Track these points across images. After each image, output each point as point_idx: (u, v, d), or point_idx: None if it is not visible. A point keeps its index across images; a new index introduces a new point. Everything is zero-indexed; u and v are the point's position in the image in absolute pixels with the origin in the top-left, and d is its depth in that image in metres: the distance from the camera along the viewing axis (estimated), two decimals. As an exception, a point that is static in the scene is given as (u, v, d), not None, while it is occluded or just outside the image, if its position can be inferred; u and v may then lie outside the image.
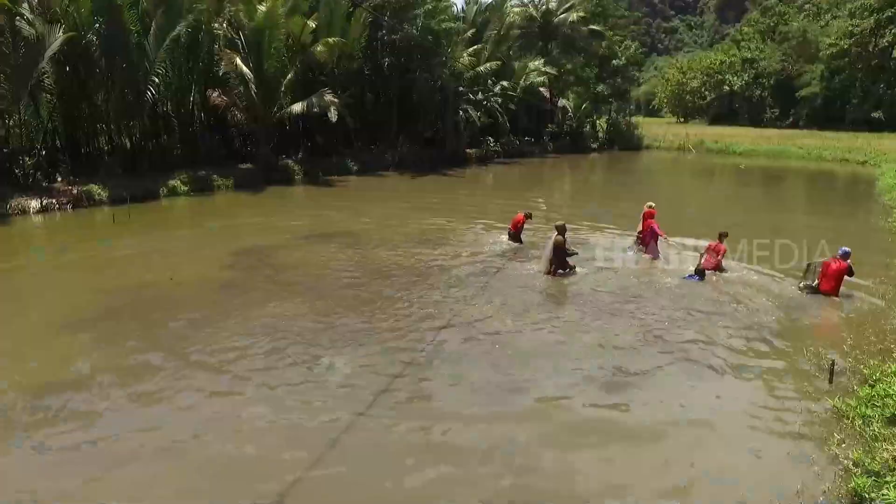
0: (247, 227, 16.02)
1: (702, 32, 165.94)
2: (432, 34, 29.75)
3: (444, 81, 31.25)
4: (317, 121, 26.79)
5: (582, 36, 42.86)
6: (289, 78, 23.93)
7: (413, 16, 29.42)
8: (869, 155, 36.31)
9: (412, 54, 30.28)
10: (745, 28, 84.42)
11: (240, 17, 23.25)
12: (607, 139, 46.98)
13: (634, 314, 9.26)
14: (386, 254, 12.76)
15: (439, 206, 19.36)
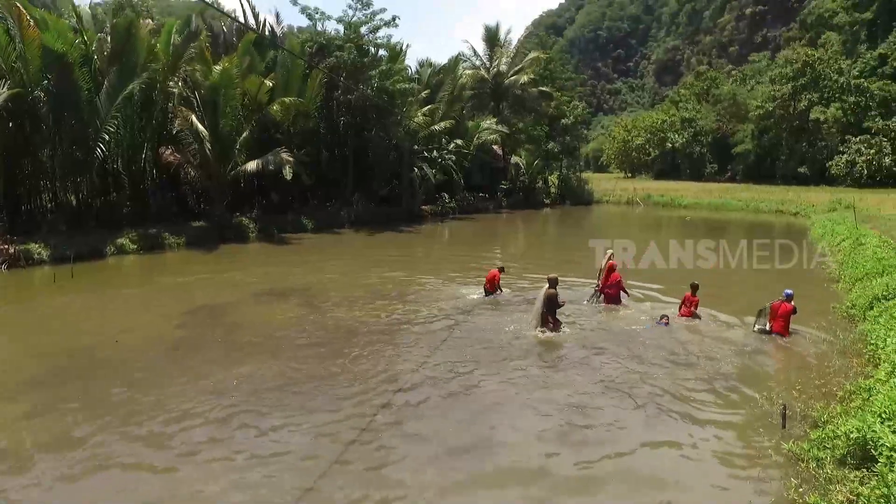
0: (199, 285, 15.59)
1: (643, 94, 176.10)
2: (387, 94, 30.53)
3: (399, 140, 31.91)
4: (272, 178, 26.76)
5: (532, 97, 44.75)
6: (244, 136, 24.00)
7: (368, 77, 30.21)
8: (800, 207, 38.59)
9: (368, 114, 30.92)
10: (681, 90, 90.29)
11: (196, 77, 23.40)
12: (559, 194, 48.47)
13: (598, 366, 9.31)
14: (345, 311, 12.57)
15: (397, 262, 19.37)
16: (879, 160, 50.22)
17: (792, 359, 9.95)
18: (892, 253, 15.91)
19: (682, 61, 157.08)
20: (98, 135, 20.06)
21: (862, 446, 5.63)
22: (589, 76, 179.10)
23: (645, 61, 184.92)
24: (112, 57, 20.91)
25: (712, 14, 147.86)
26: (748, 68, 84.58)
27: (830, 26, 72.06)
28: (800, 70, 58.22)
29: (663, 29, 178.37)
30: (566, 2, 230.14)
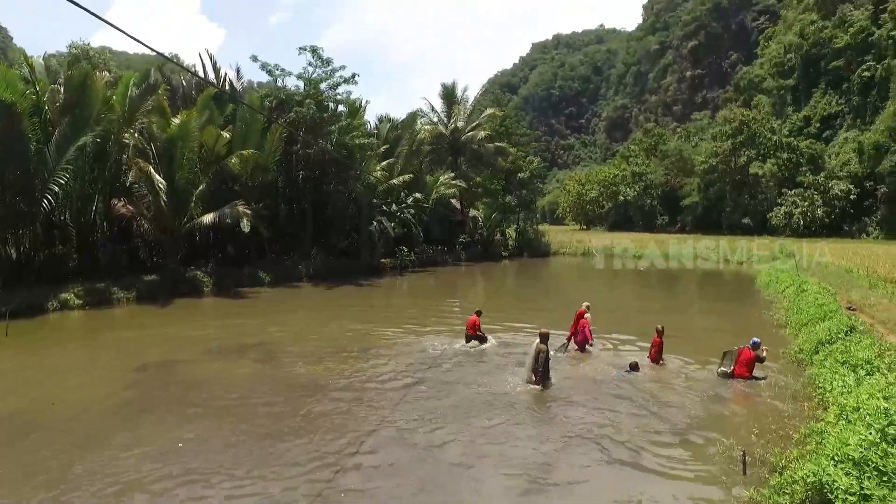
0: (150, 341, 14.95)
1: (595, 149, 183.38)
2: (347, 149, 30.84)
3: (358, 194, 32.08)
4: (229, 232, 26.35)
5: (489, 152, 45.90)
6: (200, 189, 23.70)
7: (328, 132, 30.54)
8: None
9: (327, 168, 31.09)
10: (631, 146, 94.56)
11: (153, 129, 23.20)
12: (517, 247, 49.20)
13: (565, 419, 9.21)
14: (303, 367, 12.22)
15: (357, 315, 19.11)
16: (813, 212, 53.27)
17: (749, 403, 10.17)
18: (831, 299, 16.67)
19: (631, 118, 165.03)
20: (46, 186, 19.47)
21: (819, 490, 5.72)
22: (543, 132, 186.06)
23: (596, 118, 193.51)
24: (65, 108, 20.60)
25: (656, 76, 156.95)
26: (691, 126, 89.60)
27: (761, 90, 77.42)
28: (737, 129, 62.07)
29: (612, 89, 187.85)
30: (520, 62, 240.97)
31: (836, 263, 26.57)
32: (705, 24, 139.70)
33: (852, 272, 22.94)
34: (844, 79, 62.49)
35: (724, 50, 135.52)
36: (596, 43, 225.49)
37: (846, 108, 61.77)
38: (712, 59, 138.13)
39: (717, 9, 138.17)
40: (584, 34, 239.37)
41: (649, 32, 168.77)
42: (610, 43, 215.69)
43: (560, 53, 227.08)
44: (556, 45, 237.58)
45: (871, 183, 51.45)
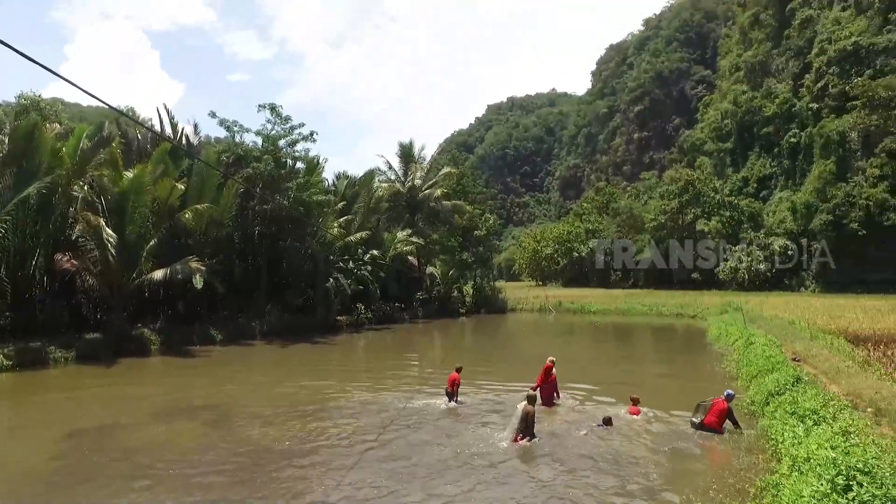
0: (87, 404, 14.10)
1: (549, 207, 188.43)
2: (304, 206, 30.78)
3: (314, 251, 31.85)
4: (180, 288, 25.57)
5: (445, 209, 46.53)
6: (152, 243, 23.09)
7: (285, 188, 30.50)
8: (697, 310, 41.50)
9: (283, 224, 30.87)
10: (584, 204, 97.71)
11: (104, 181, 22.67)
12: (474, 303, 49.31)
13: (528, 480, 8.99)
14: (257, 430, 11.68)
15: (313, 374, 18.59)
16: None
17: (709, 457, 10.24)
18: (777, 351, 17.26)
19: (583, 177, 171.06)
20: (-20, 240, 18.62)
21: (777, 542, 5.75)
22: (499, 190, 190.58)
23: (550, 177, 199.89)
24: (8, 159, 19.99)
25: (606, 138, 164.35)
26: (640, 185, 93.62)
27: (703, 152, 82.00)
28: (683, 188, 65.24)
29: (564, 149, 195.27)
30: (476, 123, 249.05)
31: (779, 316, 27.63)
32: (649, 90, 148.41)
33: (794, 324, 23.88)
34: (775, 144, 67.01)
35: (667, 114, 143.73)
36: (548, 105, 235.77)
37: (778, 170, 65.95)
38: (657, 123, 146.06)
39: (659, 77, 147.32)
40: (536, 97, 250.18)
41: (598, 97, 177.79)
42: (561, 106, 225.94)
43: (514, 115, 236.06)
44: (511, 106, 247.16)
45: (805, 239, 54.49)
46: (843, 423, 8.65)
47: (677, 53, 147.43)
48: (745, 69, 77.11)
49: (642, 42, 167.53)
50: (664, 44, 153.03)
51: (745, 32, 79.94)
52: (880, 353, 15.84)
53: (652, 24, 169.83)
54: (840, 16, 59.09)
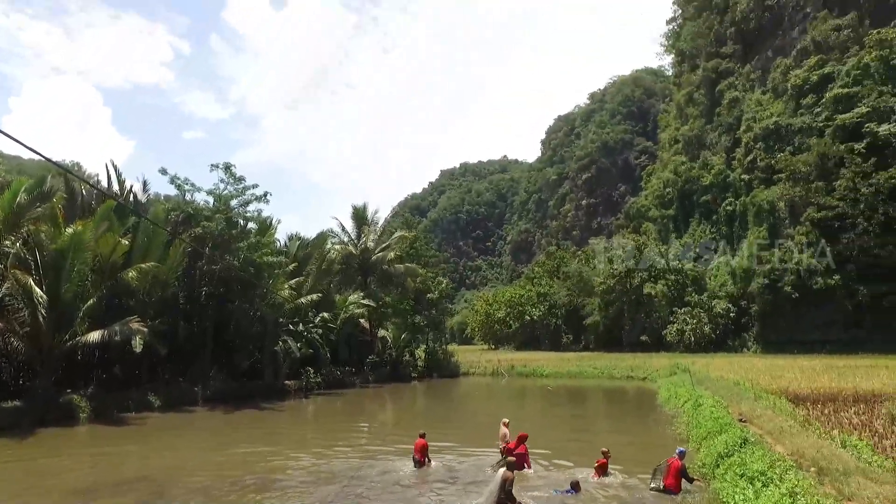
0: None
1: (501, 270, 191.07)
2: (254, 266, 30.16)
3: (263, 312, 31.01)
4: (118, 350, 24.25)
5: (398, 272, 46.39)
6: (90, 303, 21.97)
7: (236, 248, 29.90)
8: (646, 372, 42.08)
9: (232, 285, 30.06)
10: (535, 268, 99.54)
11: (40, 237, 21.65)
12: (426, 367, 48.60)
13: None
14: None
15: (258, 442, 17.65)
16: (701, 328, 57.45)
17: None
18: (724, 412, 17.56)
19: (534, 242, 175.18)
20: None
21: None
22: (452, 254, 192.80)
23: (502, 241, 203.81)
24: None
25: (555, 203, 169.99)
26: (589, 249, 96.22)
27: (648, 218, 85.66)
28: (630, 253, 67.49)
29: (516, 214, 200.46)
30: (429, 187, 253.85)
31: (725, 377, 28.28)
32: (596, 159, 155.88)
33: (739, 385, 24.45)
34: (713, 211, 70.85)
35: (613, 182, 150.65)
36: (500, 171, 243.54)
37: (717, 236, 69.39)
38: (604, 190, 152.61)
39: (605, 147, 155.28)
40: (489, 163, 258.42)
41: (548, 165, 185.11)
42: (513, 172, 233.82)
43: (467, 180, 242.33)
44: (464, 172, 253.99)
45: (745, 302, 56.82)
46: (789, 485, 8.79)
47: (621, 125, 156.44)
48: (682, 142, 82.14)
49: (588, 114, 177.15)
50: (609, 116, 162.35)
51: (681, 109, 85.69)
52: (818, 412, 16.38)
53: (597, 97, 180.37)
54: (761, 98, 64.32)
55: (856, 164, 46.89)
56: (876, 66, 48.74)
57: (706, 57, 76.73)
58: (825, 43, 56.08)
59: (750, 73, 68.71)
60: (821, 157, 49.92)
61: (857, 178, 46.41)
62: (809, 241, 49.83)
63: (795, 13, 62.44)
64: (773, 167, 56.32)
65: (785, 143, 56.71)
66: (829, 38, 55.72)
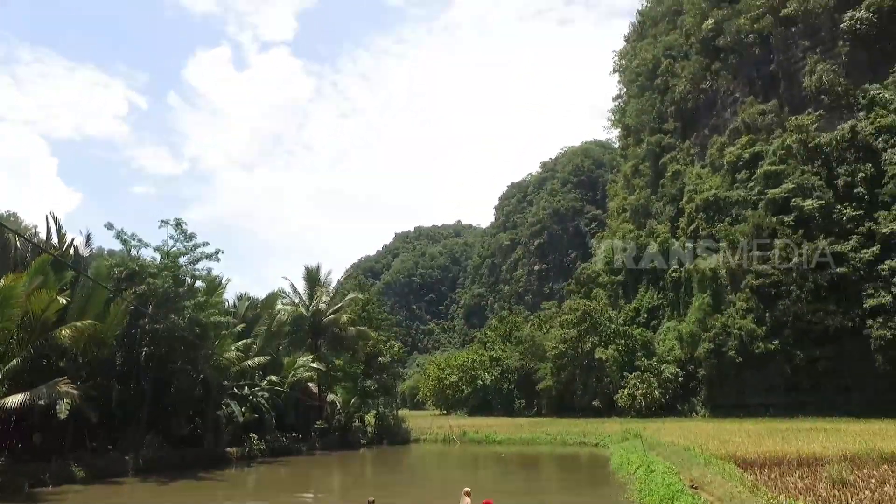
0: None
1: (454, 334, 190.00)
2: (200, 326, 29.06)
3: (207, 375, 29.67)
4: (42, 415, 22.50)
5: (350, 335, 45.48)
6: (12, 363, 20.51)
7: (182, 307, 28.83)
8: (599, 438, 41.89)
9: (175, 345, 28.77)
10: (488, 332, 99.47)
11: (-38, 294, 20.35)
12: (376, 434, 47.09)
13: None
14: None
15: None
16: (651, 393, 58.10)
17: None
18: (676, 478, 17.58)
19: (487, 306, 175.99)
20: None
21: None
22: (404, 317, 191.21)
23: (455, 305, 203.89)
24: None
25: (508, 268, 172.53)
26: (541, 314, 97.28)
27: (598, 283, 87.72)
28: (581, 317, 68.54)
29: (469, 278, 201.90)
30: (383, 249, 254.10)
31: (675, 442, 28.43)
32: (548, 225, 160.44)
33: (690, 450, 24.60)
34: (660, 277, 73.29)
35: (564, 248, 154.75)
36: (454, 236, 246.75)
37: (665, 301, 71.47)
38: (556, 256, 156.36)
39: (556, 214, 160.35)
40: (443, 227, 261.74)
41: (501, 230, 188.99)
42: (466, 237, 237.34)
43: (421, 244, 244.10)
44: (418, 235, 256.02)
45: (692, 366, 58.10)
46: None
47: (572, 194, 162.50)
48: (630, 210, 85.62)
49: (540, 182, 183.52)
50: (560, 185, 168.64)
51: (628, 179, 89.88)
52: (765, 477, 16.62)
53: (549, 166, 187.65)
54: (701, 172, 68.36)
55: (786, 235, 49.88)
56: (797, 147, 52.86)
57: (650, 132, 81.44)
58: (753, 125, 60.65)
59: (690, 149, 73.14)
60: (756, 228, 52.94)
61: (789, 248, 49.25)
62: (749, 308, 51.97)
63: (727, 97, 67.58)
64: (714, 236, 59.26)
65: (724, 214, 59.94)
66: (757, 120, 60.34)
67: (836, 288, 46.63)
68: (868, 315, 44.19)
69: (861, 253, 45.43)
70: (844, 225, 47.44)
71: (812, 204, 49.09)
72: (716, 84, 68.88)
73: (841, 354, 45.68)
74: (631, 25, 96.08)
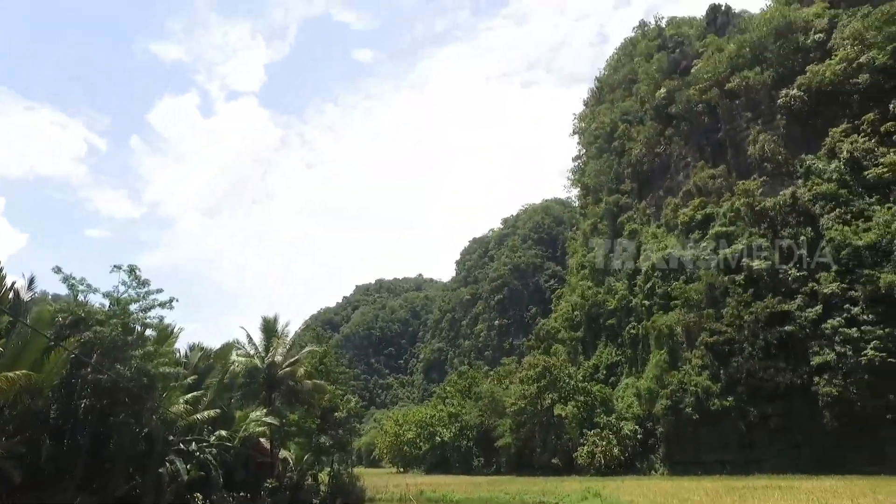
0: None
1: (413, 389, 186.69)
2: (147, 377, 27.67)
3: (152, 429, 28.07)
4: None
5: (305, 389, 44.02)
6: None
7: (129, 356, 27.48)
8: (558, 497, 41.08)
9: (119, 397, 27.17)
10: (447, 387, 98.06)
11: None
12: (330, 493, 45.05)
13: None
14: None
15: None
16: (611, 450, 57.79)
17: None
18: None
19: (447, 361, 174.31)
20: None
21: None
22: (363, 371, 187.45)
23: (414, 360, 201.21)
24: None
25: (468, 323, 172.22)
26: (501, 369, 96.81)
27: (557, 339, 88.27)
28: (540, 373, 68.47)
29: (429, 332, 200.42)
30: (343, 301, 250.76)
31: (636, 501, 28.19)
32: (508, 281, 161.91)
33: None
34: (618, 334, 74.35)
35: (525, 304, 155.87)
36: (415, 290, 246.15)
37: (623, 358, 72.27)
38: (516, 311, 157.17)
39: (517, 270, 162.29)
40: (404, 281, 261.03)
41: (462, 285, 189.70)
42: (427, 290, 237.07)
43: (382, 297, 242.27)
44: (379, 288, 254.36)
45: (650, 423, 58.31)
46: None
47: (532, 250, 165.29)
48: (589, 268, 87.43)
49: (501, 238, 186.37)
50: (520, 241, 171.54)
51: (587, 237, 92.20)
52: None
53: (510, 223, 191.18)
54: (657, 231, 70.86)
55: (738, 293, 51.69)
56: (745, 210, 55.57)
57: (608, 192, 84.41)
58: (704, 188, 63.68)
59: (646, 209, 75.93)
60: (709, 287, 54.75)
61: (740, 307, 50.91)
62: (705, 364, 53.04)
63: (679, 161, 71.06)
64: (670, 294, 60.87)
65: (679, 273, 61.84)
66: (707, 184, 63.42)
67: (784, 346, 48.16)
68: (815, 372, 45.59)
69: (806, 312, 47.26)
70: (790, 285, 49.49)
71: (760, 264, 51.20)
72: (669, 148, 72.49)
73: (791, 411, 46.75)
74: (590, 91, 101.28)
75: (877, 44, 49.24)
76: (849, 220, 47.25)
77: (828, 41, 55.59)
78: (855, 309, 44.46)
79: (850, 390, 42.60)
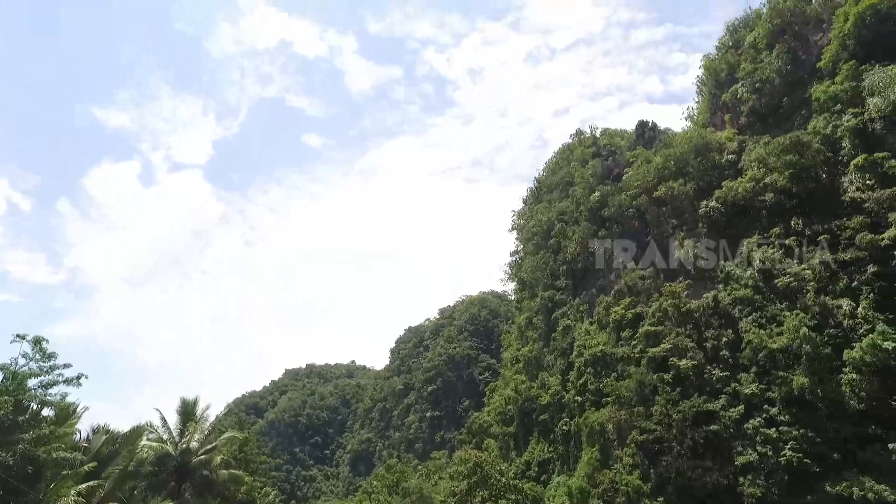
0: None
1: (338, 482, 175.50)
2: (34, 464, 24.78)
3: (36, 523, 24.85)
4: None
5: (221, 479, 40.85)
6: None
7: (17, 439, 24.67)
8: None
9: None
10: (374, 482, 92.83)
11: None
12: None
13: None
14: None
15: None
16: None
17: None
18: None
19: (375, 453, 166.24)
20: None
21: None
22: (285, 460, 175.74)
23: (341, 450, 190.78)
24: None
25: (400, 414, 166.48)
26: (431, 464, 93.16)
27: (489, 434, 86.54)
28: (471, 469, 66.27)
29: (359, 422, 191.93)
30: (270, 385, 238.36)
31: None
32: (442, 372, 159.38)
33: None
34: (551, 430, 73.72)
35: (458, 396, 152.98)
36: (346, 376, 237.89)
37: (555, 454, 71.28)
38: (449, 403, 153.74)
39: (451, 360, 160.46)
40: (336, 366, 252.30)
41: (395, 373, 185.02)
42: (359, 378, 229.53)
43: (312, 382, 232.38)
44: (309, 373, 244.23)
45: (582, 526, 56.82)
46: None
47: (467, 342, 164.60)
48: (523, 361, 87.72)
49: (437, 328, 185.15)
50: (456, 332, 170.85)
51: (521, 331, 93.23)
52: None
53: (446, 313, 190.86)
54: (589, 328, 72.61)
55: (666, 392, 52.83)
56: (672, 311, 58.10)
57: (543, 287, 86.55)
58: (634, 287, 66.48)
59: (579, 305, 78.05)
60: (639, 384, 55.80)
61: (669, 405, 51.89)
62: (635, 463, 52.94)
63: (611, 261, 74.44)
64: (602, 391, 61.53)
65: (610, 370, 62.93)
66: (637, 284, 66.32)
67: (711, 445, 48.94)
68: (740, 472, 46.28)
69: (730, 412, 48.65)
70: (714, 384, 51.14)
71: (686, 364, 52.93)
72: (602, 249, 76.06)
73: (719, 513, 46.77)
74: (529, 190, 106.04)
75: (777, 168, 54.75)
76: (763, 324, 50.12)
77: (738, 161, 61.52)
78: (773, 409, 46.21)
79: (773, 491, 43.32)
